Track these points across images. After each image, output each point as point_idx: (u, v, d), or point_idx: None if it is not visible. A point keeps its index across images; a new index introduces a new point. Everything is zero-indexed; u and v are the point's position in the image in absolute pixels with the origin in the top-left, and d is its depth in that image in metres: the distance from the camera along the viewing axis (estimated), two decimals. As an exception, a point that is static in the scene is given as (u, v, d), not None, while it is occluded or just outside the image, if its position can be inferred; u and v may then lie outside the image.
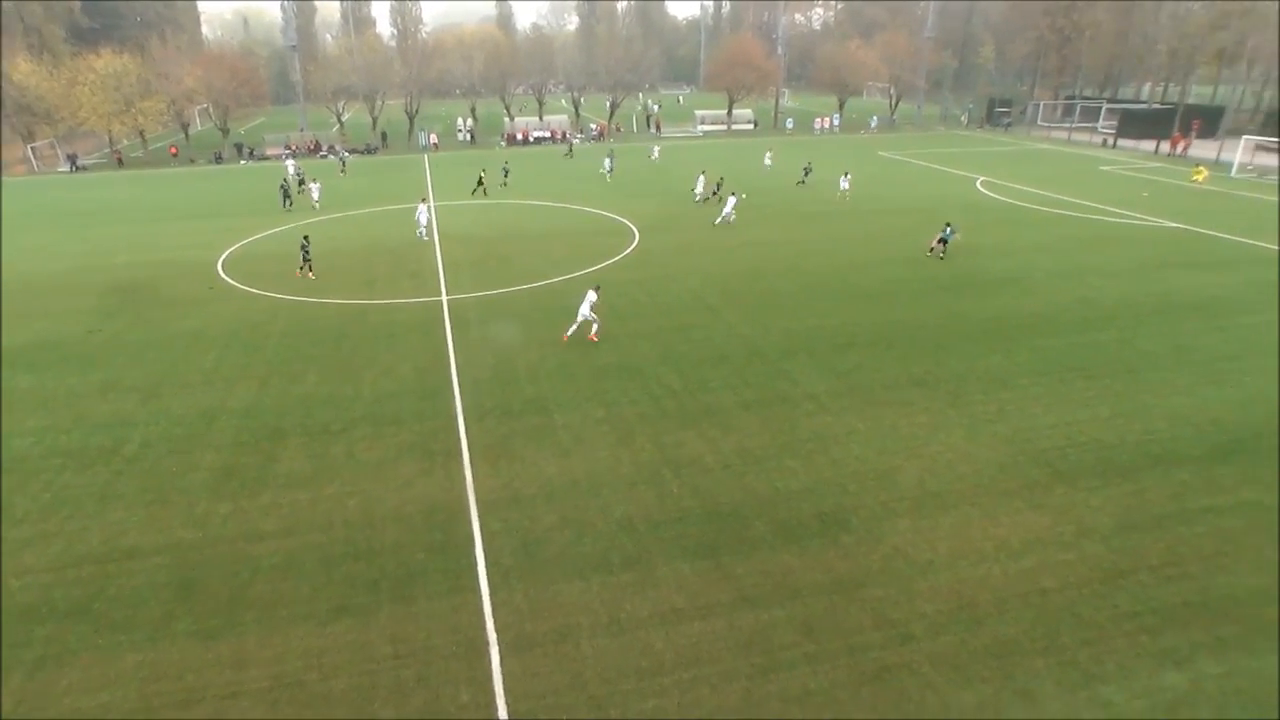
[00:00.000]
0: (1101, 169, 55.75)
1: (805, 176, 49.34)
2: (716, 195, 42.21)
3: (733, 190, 40.05)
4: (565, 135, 78.00)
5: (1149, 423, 17.65)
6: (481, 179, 47.32)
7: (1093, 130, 75.51)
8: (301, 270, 29.83)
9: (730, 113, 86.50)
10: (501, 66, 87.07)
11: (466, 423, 18.21)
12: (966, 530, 13.88)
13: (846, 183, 44.26)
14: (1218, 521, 14.02)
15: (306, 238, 30.42)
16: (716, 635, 11.52)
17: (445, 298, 27.50)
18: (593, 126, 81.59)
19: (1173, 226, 36.75)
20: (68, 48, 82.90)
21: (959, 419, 17.97)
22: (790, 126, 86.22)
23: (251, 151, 70.22)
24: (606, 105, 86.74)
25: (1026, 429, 17.43)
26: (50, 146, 67.60)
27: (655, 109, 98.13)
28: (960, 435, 17.23)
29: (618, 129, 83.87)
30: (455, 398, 19.54)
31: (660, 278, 29.35)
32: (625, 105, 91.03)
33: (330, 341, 23.56)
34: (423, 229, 35.94)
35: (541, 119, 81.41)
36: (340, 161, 60.93)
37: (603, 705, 10.40)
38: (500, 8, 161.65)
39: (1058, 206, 41.54)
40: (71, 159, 64.16)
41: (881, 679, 10.69)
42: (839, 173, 45.61)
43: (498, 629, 11.72)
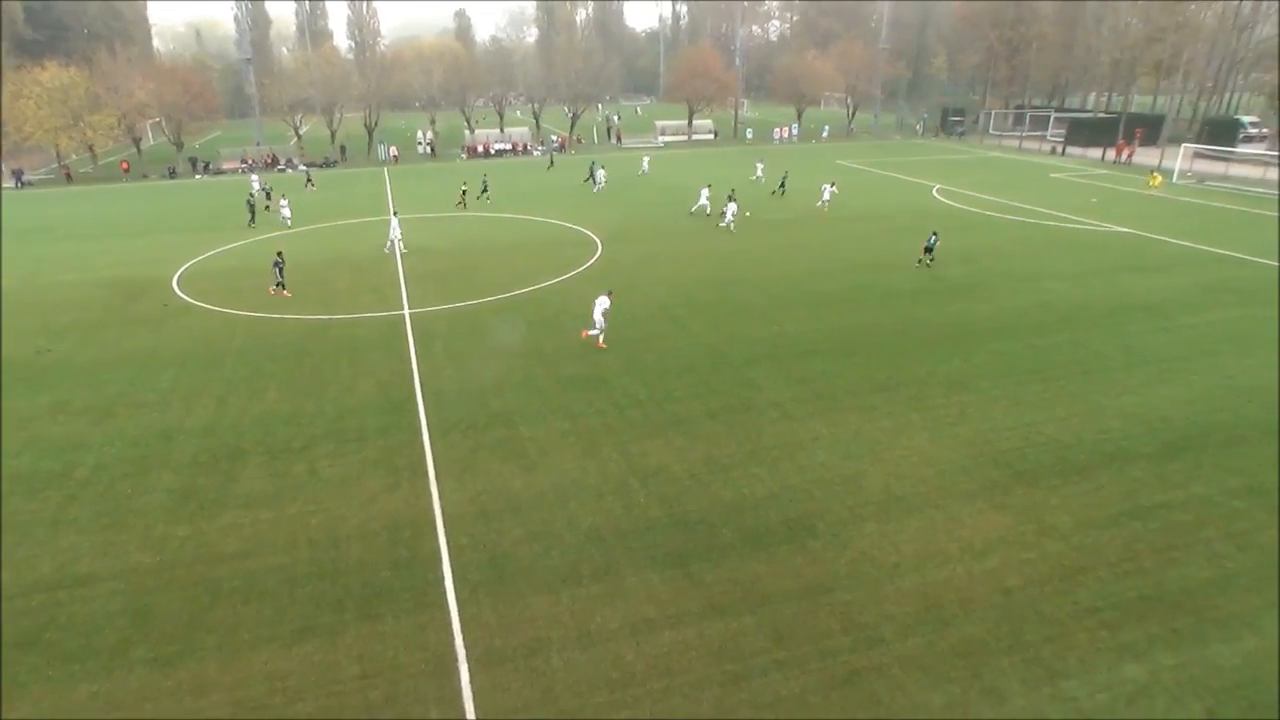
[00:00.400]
0: (1052, 176, 57.32)
1: (781, 187, 49.38)
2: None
3: (730, 196, 39.83)
4: (527, 147, 77.97)
5: (1103, 422, 18.13)
6: (465, 191, 47.11)
7: (1042, 138, 77.65)
8: (276, 289, 29.14)
9: (691, 123, 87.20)
10: (461, 79, 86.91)
11: (431, 437, 18.02)
12: (931, 532, 14.10)
13: (829, 193, 44.07)
14: (1169, 516, 14.44)
15: (280, 254, 29.51)
16: (687, 644, 11.53)
17: (408, 311, 27.23)
18: (554, 138, 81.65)
19: (1121, 231, 37.89)
20: (10, 60, 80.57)
21: (922, 422, 18.27)
22: (750, 136, 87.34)
23: (207, 166, 68.94)
24: (567, 116, 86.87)
25: (987, 431, 17.79)
26: (-7, 162, 65.65)
27: (615, 120, 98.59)
28: (923, 439, 17.51)
29: (579, 140, 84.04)
30: (419, 412, 19.33)
31: (624, 288, 29.38)
32: (585, 116, 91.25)
33: (291, 358, 23.17)
34: (396, 241, 35.49)
35: (503, 131, 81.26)
36: (306, 175, 60.12)
37: (575, 719, 10.33)
38: (459, 20, 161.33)
39: (1011, 213, 42.57)
40: (17, 175, 62.20)
41: (852, 682, 10.79)
42: (806, 181, 45.75)
43: (467, 645, 11.58)
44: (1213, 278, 29.54)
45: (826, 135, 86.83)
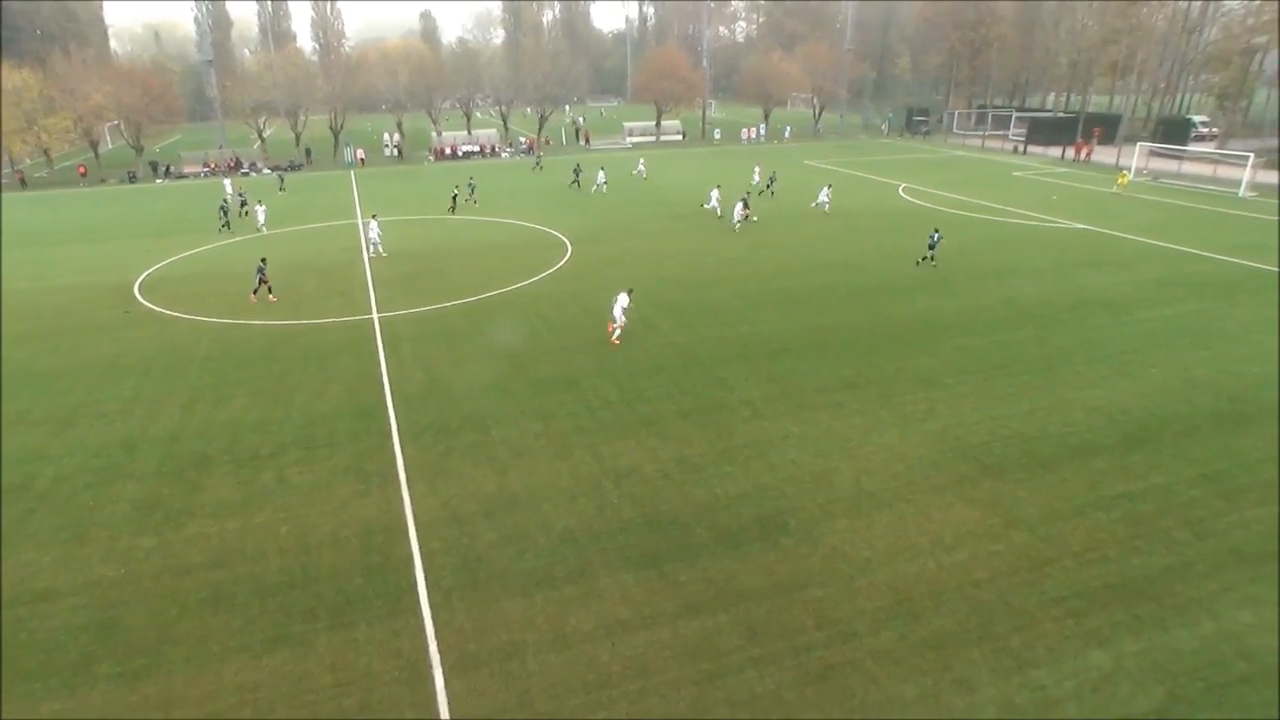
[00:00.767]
0: (1014, 174, 58.38)
1: (770, 186, 48.72)
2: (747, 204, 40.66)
3: (745, 201, 39.97)
4: (495, 148, 77.57)
5: (1067, 415, 18.52)
6: (456, 196, 46.58)
7: (1004, 137, 79.10)
8: (259, 293, 28.64)
9: (659, 124, 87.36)
10: (427, 80, 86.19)
11: (402, 442, 17.87)
12: (902, 527, 14.29)
13: (826, 195, 43.47)
14: (1131, 507, 14.79)
15: (264, 260, 28.98)
16: (662, 644, 11.57)
17: (376, 316, 26.96)
18: (522, 140, 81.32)
19: (1080, 228, 38.70)
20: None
21: (891, 419, 18.50)
22: (718, 137, 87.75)
23: (168, 170, 67.59)
24: (535, 117, 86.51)
25: (955, 426, 18.07)
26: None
27: (581, 121, 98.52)
28: (893, 435, 17.74)
29: (546, 142, 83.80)
30: (390, 417, 19.16)
31: (595, 289, 29.41)
32: (554, 118, 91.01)
33: (257, 364, 22.82)
34: (376, 244, 35.05)
35: (470, 133, 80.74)
36: (280, 179, 59.14)
37: (551, 721, 10.32)
38: (425, 21, 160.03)
39: (976, 211, 43.27)
40: (-33, 180, 60.65)
41: (826, 678, 10.90)
42: (784, 180, 44.99)
43: (441, 651, 11.51)
44: (1168, 273, 30.30)
45: (789, 136, 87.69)
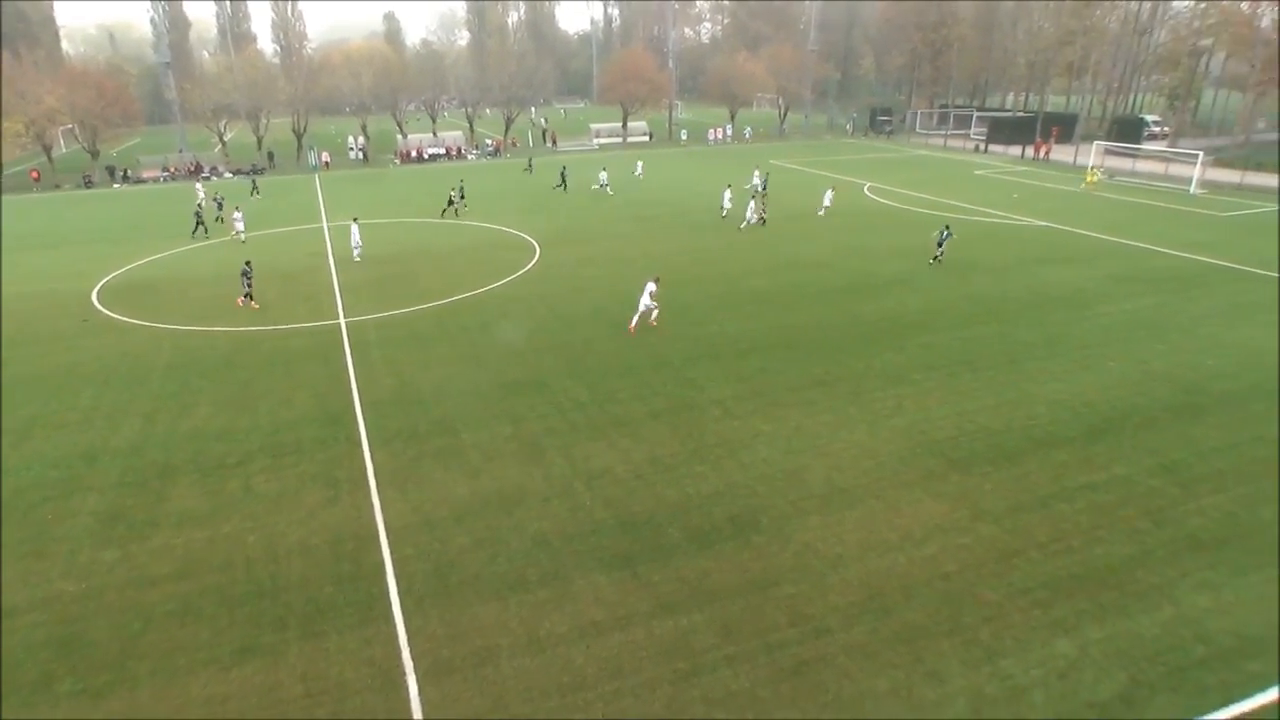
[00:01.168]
0: (976, 173, 59.38)
1: (762, 189, 48.07)
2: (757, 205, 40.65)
3: (753, 196, 40.77)
4: (461, 150, 77.04)
5: (1030, 409, 18.88)
6: (451, 200, 45.31)
7: (966, 136, 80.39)
8: (245, 300, 28.15)
9: (626, 125, 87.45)
10: (392, 82, 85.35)
11: (371, 448, 17.68)
12: (872, 522, 14.46)
13: (829, 199, 43.02)
14: (1094, 497, 15.13)
15: (249, 263, 28.54)
16: (637, 645, 11.58)
17: (343, 320, 26.63)
18: (489, 142, 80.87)
19: (1041, 225, 39.49)
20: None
21: (860, 416, 18.72)
22: (684, 138, 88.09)
23: (126, 174, 66.11)
24: (492, 117, 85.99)
25: (922, 421, 18.33)
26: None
27: (544, 123, 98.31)
28: (862, 431, 17.95)
29: (513, 144, 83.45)
30: (358, 423, 18.94)
31: (564, 291, 29.36)
32: (520, 119, 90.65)
33: (222, 372, 22.42)
34: (359, 248, 34.58)
35: (436, 135, 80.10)
36: (252, 184, 58.09)
37: (527, 725, 10.28)
38: (389, 23, 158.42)
39: (939, 209, 43.89)
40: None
41: (800, 673, 11.00)
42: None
43: (414, 657, 11.41)
44: (1126, 268, 31.04)
45: (750, 136, 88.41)
